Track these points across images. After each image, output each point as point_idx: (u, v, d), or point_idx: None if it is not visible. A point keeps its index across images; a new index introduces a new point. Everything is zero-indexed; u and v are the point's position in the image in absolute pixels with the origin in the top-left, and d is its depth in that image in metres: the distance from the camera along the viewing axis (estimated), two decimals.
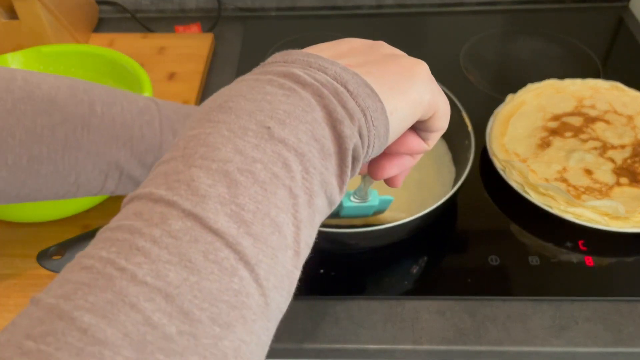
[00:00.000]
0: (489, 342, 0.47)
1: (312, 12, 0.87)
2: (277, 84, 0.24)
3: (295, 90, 0.23)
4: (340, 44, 0.29)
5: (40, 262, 0.45)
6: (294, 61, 0.25)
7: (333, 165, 0.24)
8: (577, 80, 0.67)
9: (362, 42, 0.29)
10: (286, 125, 0.22)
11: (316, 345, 0.47)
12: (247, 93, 0.23)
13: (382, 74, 0.26)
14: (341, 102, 0.24)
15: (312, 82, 0.24)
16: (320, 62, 0.25)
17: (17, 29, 0.71)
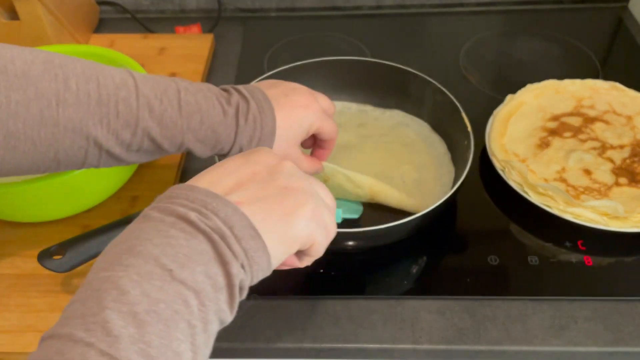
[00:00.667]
0: (488, 341, 0.47)
1: (312, 13, 0.87)
2: (179, 228, 0.29)
3: (193, 235, 0.29)
4: (245, 165, 0.34)
5: (40, 262, 0.45)
6: (194, 201, 0.30)
7: (224, 296, 0.29)
8: (577, 80, 0.67)
9: (265, 167, 0.34)
10: (185, 268, 0.27)
11: (316, 345, 0.47)
12: (154, 237, 0.28)
13: (267, 216, 0.31)
14: (228, 245, 0.29)
15: (205, 228, 0.29)
16: (214, 205, 0.30)
17: (18, 29, 0.71)
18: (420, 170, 0.59)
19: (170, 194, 0.31)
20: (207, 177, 0.33)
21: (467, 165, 0.52)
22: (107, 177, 0.54)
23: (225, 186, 0.32)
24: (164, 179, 0.60)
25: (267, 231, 0.31)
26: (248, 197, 0.32)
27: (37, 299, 0.50)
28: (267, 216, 0.31)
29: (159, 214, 0.30)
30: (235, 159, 0.35)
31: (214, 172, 0.33)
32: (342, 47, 0.80)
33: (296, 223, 0.33)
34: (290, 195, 0.33)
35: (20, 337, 0.47)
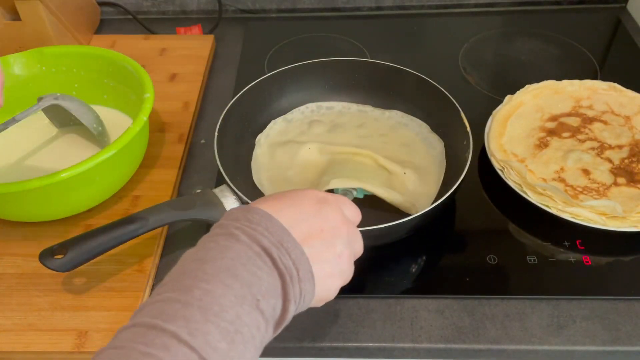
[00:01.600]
0: (487, 340, 0.47)
1: (313, 14, 0.88)
2: (264, 260, 0.33)
3: (272, 269, 0.33)
4: (318, 217, 0.37)
5: (42, 262, 0.46)
6: (273, 234, 0.34)
7: (274, 325, 0.33)
8: (575, 81, 0.67)
9: (332, 227, 0.38)
10: (266, 300, 0.32)
11: (316, 344, 0.48)
12: (247, 263, 0.32)
13: (320, 276, 0.36)
14: (293, 285, 0.33)
15: (281, 267, 0.33)
16: (289, 244, 0.34)
17: (20, 30, 0.72)
18: (420, 170, 0.59)
19: (251, 217, 0.34)
20: (284, 212, 0.36)
21: (466, 165, 0.52)
22: (109, 177, 0.55)
23: (299, 232, 0.35)
24: (165, 178, 0.61)
25: (319, 279, 0.36)
26: (313, 254, 0.36)
27: (38, 298, 0.50)
28: (320, 276, 0.36)
29: (247, 239, 0.33)
30: (308, 201, 0.38)
31: (290, 211, 0.36)
32: (342, 47, 0.80)
33: (331, 292, 0.38)
34: (340, 266, 0.38)
35: (21, 336, 0.48)
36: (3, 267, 0.53)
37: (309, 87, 0.66)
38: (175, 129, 0.66)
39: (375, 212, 0.56)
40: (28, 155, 0.62)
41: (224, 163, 0.55)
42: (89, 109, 0.61)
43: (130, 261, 0.53)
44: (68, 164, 0.50)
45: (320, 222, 0.37)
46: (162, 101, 0.69)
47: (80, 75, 0.65)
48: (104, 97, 0.66)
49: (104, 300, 0.50)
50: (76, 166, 0.49)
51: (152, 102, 0.56)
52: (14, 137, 0.63)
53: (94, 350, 0.47)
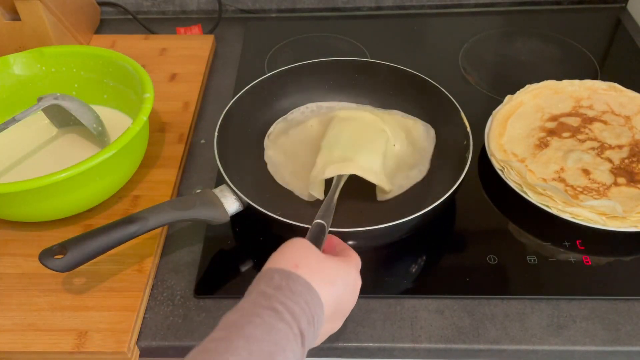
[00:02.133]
0: (487, 340, 0.47)
1: (312, 14, 0.88)
2: (300, 343, 0.35)
3: (297, 337, 0.34)
4: (347, 292, 0.40)
5: (42, 262, 0.45)
6: (311, 307, 0.36)
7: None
8: (575, 81, 0.67)
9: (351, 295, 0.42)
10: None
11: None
12: (287, 349, 0.33)
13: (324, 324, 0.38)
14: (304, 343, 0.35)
15: (306, 344, 0.35)
16: (312, 309, 0.36)
17: (20, 30, 0.72)
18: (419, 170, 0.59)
19: (293, 286, 0.36)
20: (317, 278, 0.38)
21: (466, 165, 0.52)
22: (109, 177, 0.55)
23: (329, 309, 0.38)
24: (165, 178, 0.61)
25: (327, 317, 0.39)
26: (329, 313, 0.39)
27: (38, 298, 0.50)
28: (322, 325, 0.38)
29: (290, 318, 0.34)
30: (349, 289, 0.41)
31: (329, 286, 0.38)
32: (342, 47, 0.80)
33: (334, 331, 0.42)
34: (339, 320, 0.42)
35: (21, 336, 0.48)
36: (3, 267, 0.53)
37: (309, 87, 0.66)
38: (175, 129, 0.66)
39: (375, 212, 0.56)
40: (28, 155, 0.62)
41: (224, 163, 0.55)
42: (89, 109, 0.61)
43: (130, 261, 0.53)
44: (68, 164, 0.50)
45: (349, 294, 0.40)
46: (162, 101, 0.69)
47: (80, 75, 0.65)
48: (104, 97, 0.66)
49: (104, 300, 0.50)
50: (76, 166, 0.49)
51: (152, 102, 0.56)
52: (14, 137, 0.63)
53: (93, 350, 0.47)
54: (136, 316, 0.49)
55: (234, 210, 0.51)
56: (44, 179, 0.48)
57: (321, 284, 0.37)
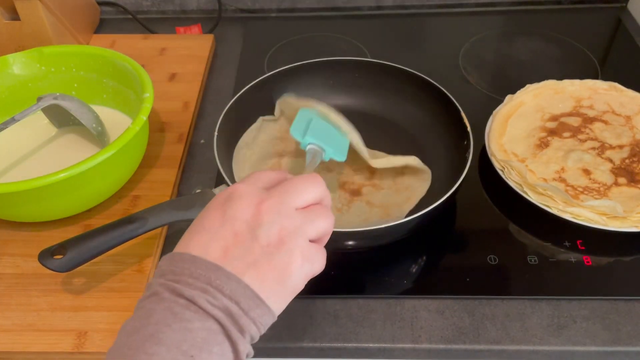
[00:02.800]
0: (487, 341, 0.47)
1: (312, 14, 0.88)
2: (193, 310, 0.30)
3: (205, 317, 0.30)
4: (225, 225, 0.33)
5: (41, 262, 0.45)
6: (198, 277, 0.31)
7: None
8: (576, 80, 0.67)
9: (244, 223, 0.33)
10: (204, 351, 0.29)
11: (316, 344, 0.48)
12: (172, 322, 0.30)
13: (262, 281, 0.32)
14: (235, 323, 0.31)
15: (214, 312, 0.30)
16: (218, 281, 0.31)
17: (19, 29, 0.72)
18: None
19: (172, 267, 0.32)
20: (194, 242, 0.33)
21: (467, 165, 0.52)
22: (108, 177, 0.55)
23: (214, 255, 0.32)
24: (165, 178, 0.61)
25: (267, 293, 0.32)
26: (240, 266, 0.32)
27: (38, 298, 0.50)
28: (264, 282, 0.32)
29: (169, 295, 0.31)
30: (212, 215, 0.34)
31: (199, 238, 0.33)
32: (342, 47, 0.80)
33: (291, 278, 0.33)
34: (277, 253, 0.33)
35: (21, 336, 0.48)
36: (3, 267, 0.53)
37: (309, 87, 0.66)
38: (175, 129, 0.66)
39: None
40: (28, 155, 0.62)
41: (224, 163, 0.54)
42: (89, 109, 0.61)
43: (130, 261, 0.53)
44: (68, 164, 0.50)
45: (228, 227, 0.33)
46: (162, 101, 0.69)
47: (80, 75, 0.65)
48: (104, 97, 0.66)
49: (104, 300, 0.50)
50: (76, 166, 0.49)
51: (152, 101, 0.56)
52: (14, 137, 0.63)
53: (93, 350, 0.46)
54: None
55: None
56: (43, 179, 0.48)
57: (190, 244, 0.33)
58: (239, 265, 0.32)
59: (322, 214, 0.35)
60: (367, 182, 0.57)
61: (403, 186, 0.57)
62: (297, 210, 0.34)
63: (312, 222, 0.35)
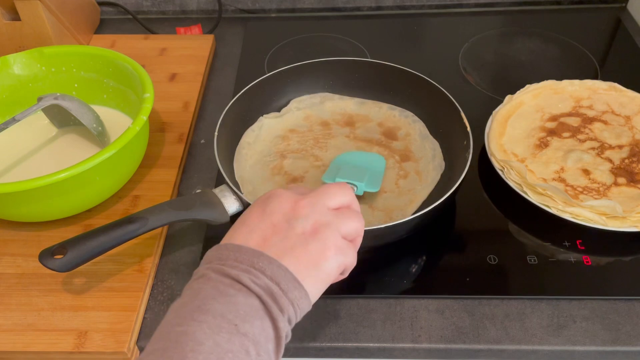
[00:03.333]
0: (487, 340, 0.47)
1: (312, 14, 0.88)
2: (237, 288, 0.33)
3: (248, 294, 0.33)
4: (264, 219, 0.37)
5: (42, 262, 0.45)
6: (242, 261, 0.35)
7: (272, 345, 0.34)
8: (575, 81, 0.67)
9: (282, 215, 0.37)
10: (247, 322, 0.32)
11: (316, 344, 0.48)
12: (218, 296, 0.33)
13: (299, 265, 0.35)
14: (276, 302, 0.34)
15: (256, 289, 0.33)
16: (261, 264, 0.34)
17: (19, 30, 0.72)
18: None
19: (219, 255, 0.36)
20: (237, 236, 0.37)
21: (467, 165, 0.52)
22: (109, 177, 0.55)
23: (254, 243, 0.36)
24: (165, 178, 0.61)
25: (304, 278, 0.35)
26: (278, 252, 0.35)
27: (38, 298, 0.50)
28: (300, 265, 0.35)
29: (216, 275, 0.34)
30: (253, 212, 0.38)
31: (240, 231, 0.37)
32: (342, 47, 0.80)
33: (325, 264, 0.36)
34: (312, 240, 0.36)
35: (21, 336, 0.48)
36: (3, 267, 0.53)
37: (309, 87, 0.66)
38: (175, 129, 0.66)
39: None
40: (28, 155, 0.62)
41: (224, 163, 0.55)
42: (89, 109, 0.61)
43: (130, 261, 0.53)
44: (68, 164, 0.50)
45: (267, 220, 0.37)
46: (162, 101, 0.69)
47: (80, 75, 0.65)
48: (104, 97, 0.66)
49: (104, 300, 0.50)
50: (76, 166, 0.49)
51: (152, 102, 0.56)
52: (14, 137, 0.63)
53: (93, 350, 0.47)
54: (136, 316, 0.49)
55: (234, 210, 0.51)
56: (44, 179, 0.48)
57: (234, 236, 0.37)
58: (277, 251, 0.35)
59: (352, 216, 0.39)
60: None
61: (405, 189, 0.57)
62: (329, 210, 0.38)
63: (344, 220, 0.38)
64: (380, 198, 0.56)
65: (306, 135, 0.63)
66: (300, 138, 0.62)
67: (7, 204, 0.52)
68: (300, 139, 0.62)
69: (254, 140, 0.62)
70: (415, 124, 0.63)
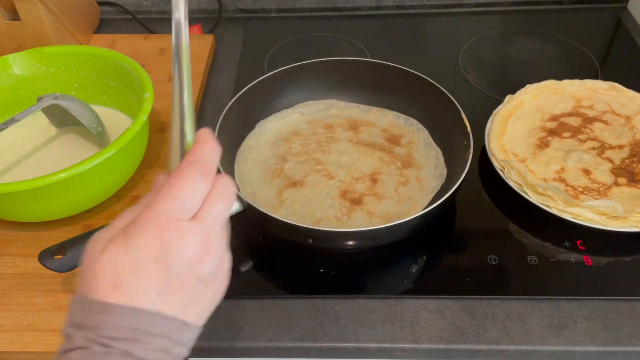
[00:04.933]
0: (487, 341, 0.47)
1: (312, 14, 0.88)
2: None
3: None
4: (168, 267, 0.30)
5: (41, 262, 0.46)
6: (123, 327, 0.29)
7: None
8: (576, 80, 0.67)
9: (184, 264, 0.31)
10: None
11: (316, 344, 0.48)
12: None
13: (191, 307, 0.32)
14: (170, 354, 0.30)
15: (150, 356, 0.29)
16: (146, 327, 0.30)
17: (19, 29, 0.72)
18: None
19: (89, 323, 0.30)
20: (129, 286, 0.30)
21: (467, 165, 0.52)
22: (109, 177, 0.55)
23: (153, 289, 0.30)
24: None
25: (192, 316, 0.32)
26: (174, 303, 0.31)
27: (38, 299, 0.50)
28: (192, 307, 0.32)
29: (100, 348, 0.29)
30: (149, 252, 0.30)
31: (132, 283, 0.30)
32: (342, 47, 0.80)
33: (214, 304, 0.35)
34: (209, 289, 0.33)
35: (20, 336, 0.48)
36: (3, 267, 0.53)
37: (309, 87, 0.66)
38: None
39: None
40: (28, 155, 0.62)
41: (224, 163, 0.54)
42: (89, 109, 0.61)
43: None
44: (68, 164, 0.50)
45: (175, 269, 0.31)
46: (162, 101, 0.69)
47: (80, 75, 0.65)
48: (104, 97, 0.66)
49: None
50: (76, 166, 0.49)
51: (152, 101, 0.56)
52: (14, 137, 0.63)
53: None
54: None
55: (234, 210, 0.51)
56: (44, 179, 0.48)
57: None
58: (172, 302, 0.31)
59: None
60: (369, 192, 0.56)
61: (405, 197, 0.56)
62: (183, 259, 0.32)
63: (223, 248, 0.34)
64: (379, 204, 0.55)
65: (309, 139, 0.63)
66: (302, 141, 0.62)
67: (7, 204, 0.52)
68: (303, 142, 0.62)
69: (256, 143, 0.62)
70: (419, 132, 0.63)
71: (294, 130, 0.63)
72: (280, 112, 0.65)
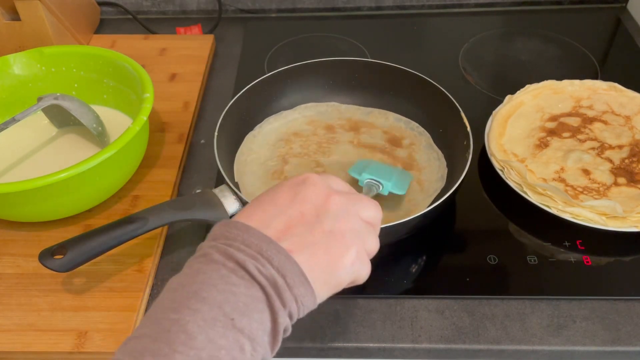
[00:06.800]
0: (487, 340, 0.47)
1: (312, 14, 0.88)
2: (240, 275, 0.31)
3: (251, 283, 0.31)
4: (294, 204, 0.35)
5: (42, 262, 0.45)
6: (250, 245, 0.32)
7: (269, 338, 0.32)
8: (575, 81, 0.67)
9: (313, 206, 0.35)
10: (244, 316, 0.30)
11: (316, 344, 0.48)
12: (218, 283, 0.31)
13: (314, 263, 0.33)
14: (279, 295, 0.32)
15: (261, 279, 0.31)
16: (269, 253, 0.32)
17: (19, 30, 0.72)
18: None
19: (227, 233, 0.33)
20: (257, 214, 0.34)
21: (467, 165, 0.52)
22: (109, 177, 0.55)
23: (276, 229, 0.34)
24: (165, 178, 0.61)
25: (315, 277, 0.33)
26: (297, 243, 0.33)
27: (38, 298, 0.50)
28: (315, 264, 0.33)
29: (219, 257, 0.32)
30: (284, 193, 0.35)
31: (264, 210, 0.35)
32: (342, 47, 0.80)
33: (341, 270, 0.35)
34: (335, 241, 0.34)
35: (21, 336, 0.48)
36: (3, 267, 0.53)
37: (309, 87, 0.66)
38: (175, 129, 0.66)
39: None
40: (28, 155, 0.62)
41: (224, 163, 0.55)
42: (89, 109, 0.61)
43: (130, 261, 0.53)
44: (68, 164, 0.50)
45: (298, 206, 0.34)
46: (162, 101, 0.69)
47: (80, 75, 0.65)
48: (104, 97, 0.66)
49: (104, 300, 0.50)
50: (76, 166, 0.49)
51: (152, 102, 0.56)
52: (14, 137, 0.63)
53: (93, 350, 0.47)
54: (136, 316, 0.49)
55: (234, 210, 0.51)
56: (44, 179, 0.48)
57: (252, 217, 0.34)
58: (296, 242, 0.33)
59: (376, 235, 0.38)
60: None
61: (405, 199, 0.56)
62: (361, 218, 0.37)
63: (370, 234, 0.37)
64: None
65: (310, 140, 0.63)
66: (303, 142, 0.62)
67: (7, 204, 0.52)
68: (304, 143, 0.62)
69: (256, 143, 0.62)
70: (421, 135, 0.63)
71: (295, 131, 0.63)
72: (281, 113, 0.66)
